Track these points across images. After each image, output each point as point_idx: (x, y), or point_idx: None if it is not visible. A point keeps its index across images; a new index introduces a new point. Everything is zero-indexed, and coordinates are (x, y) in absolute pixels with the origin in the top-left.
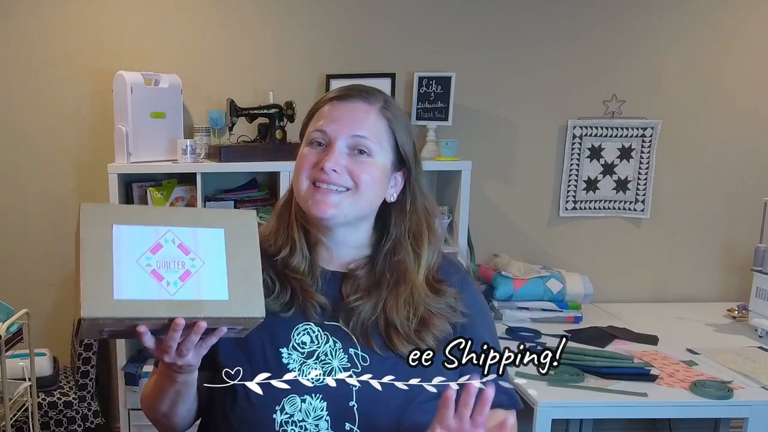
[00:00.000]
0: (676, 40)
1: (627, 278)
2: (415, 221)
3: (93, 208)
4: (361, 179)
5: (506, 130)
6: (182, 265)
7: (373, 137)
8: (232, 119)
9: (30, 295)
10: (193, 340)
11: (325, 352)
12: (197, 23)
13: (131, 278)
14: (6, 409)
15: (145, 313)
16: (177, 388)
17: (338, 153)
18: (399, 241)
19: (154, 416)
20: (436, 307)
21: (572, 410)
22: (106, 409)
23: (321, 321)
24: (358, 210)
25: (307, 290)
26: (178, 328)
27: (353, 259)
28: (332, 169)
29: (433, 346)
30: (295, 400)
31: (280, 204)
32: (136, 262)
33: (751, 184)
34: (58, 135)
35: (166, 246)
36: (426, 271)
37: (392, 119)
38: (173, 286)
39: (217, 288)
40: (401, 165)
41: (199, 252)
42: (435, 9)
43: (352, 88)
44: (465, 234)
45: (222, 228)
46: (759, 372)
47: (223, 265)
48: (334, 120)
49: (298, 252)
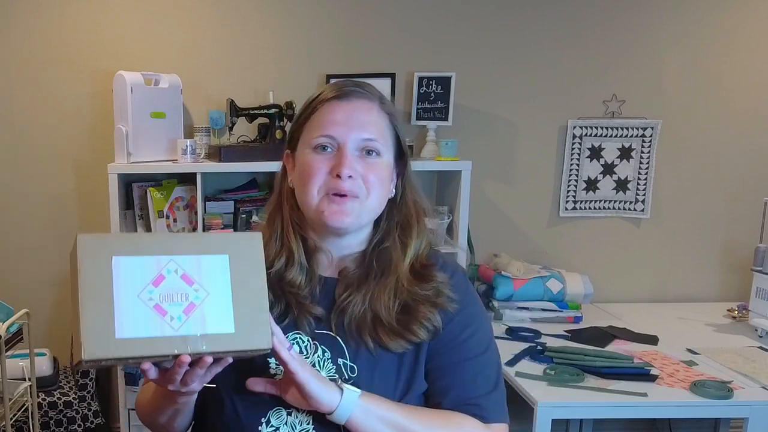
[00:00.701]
0: (676, 40)
1: (627, 278)
2: (405, 213)
3: (90, 240)
4: (370, 182)
5: (506, 130)
6: (186, 297)
7: (380, 137)
8: (232, 119)
9: (30, 295)
10: (198, 374)
11: (313, 362)
12: (197, 23)
13: (133, 315)
14: (6, 409)
15: (149, 352)
16: (177, 407)
17: (351, 157)
18: (388, 233)
19: (150, 425)
20: (422, 294)
21: (572, 410)
22: (106, 409)
23: (312, 330)
24: (370, 213)
25: (302, 303)
26: (184, 365)
27: (349, 254)
28: (349, 175)
29: (422, 336)
30: (281, 413)
31: (270, 210)
32: (137, 297)
33: (751, 184)
34: (58, 135)
35: (169, 277)
36: (411, 258)
37: (393, 115)
38: (177, 321)
39: (223, 320)
40: (400, 159)
41: (203, 282)
42: (435, 9)
43: (347, 84)
44: (465, 234)
45: (227, 254)
46: (759, 372)
47: (229, 295)
48: (340, 122)
49: (296, 264)
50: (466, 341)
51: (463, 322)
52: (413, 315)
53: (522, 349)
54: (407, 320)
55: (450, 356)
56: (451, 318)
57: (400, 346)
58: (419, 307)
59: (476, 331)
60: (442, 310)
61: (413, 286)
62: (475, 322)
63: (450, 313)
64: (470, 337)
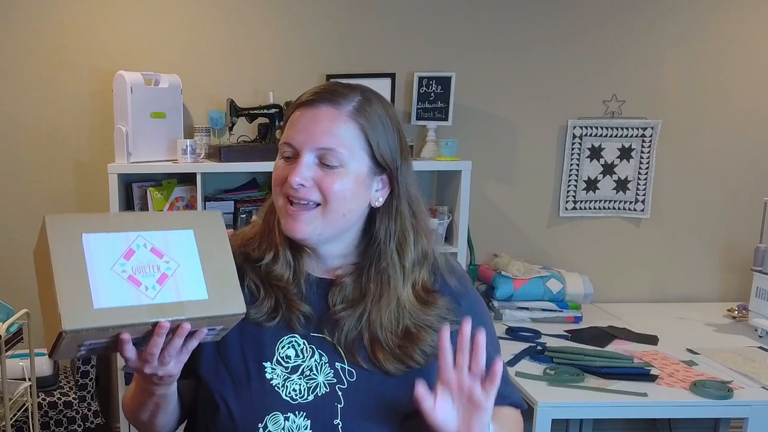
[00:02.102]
0: (676, 40)
1: (627, 278)
2: (399, 226)
3: (58, 220)
4: (331, 191)
5: (506, 130)
6: (158, 269)
7: (341, 146)
8: (232, 119)
9: (30, 295)
10: (176, 345)
11: (310, 366)
12: (197, 23)
13: (109, 286)
14: (6, 409)
15: (128, 320)
16: (156, 400)
17: (304, 166)
18: (383, 247)
19: (135, 423)
20: (424, 320)
21: (572, 410)
22: (106, 409)
23: (307, 332)
24: (333, 226)
25: (290, 299)
26: (163, 332)
27: (341, 265)
28: (300, 184)
29: (422, 363)
30: (278, 417)
31: (266, 207)
32: (111, 270)
33: (751, 184)
34: (58, 135)
35: (139, 251)
36: (413, 281)
37: (365, 123)
38: (152, 290)
39: (196, 288)
40: (382, 169)
41: (173, 254)
42: (435, 9)
43: (322, 90)
44: (465, 234)
45: (191, 229)
46: (759, 372)
47: (198, 265)
48: (300, 130)
49: (282, 260)
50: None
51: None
52: (415, 342)
53: (522, 349)
54: (409, 346)
55: None
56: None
57: (398, 369)
58: (422, 333)
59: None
60: None
61: (416, 311)
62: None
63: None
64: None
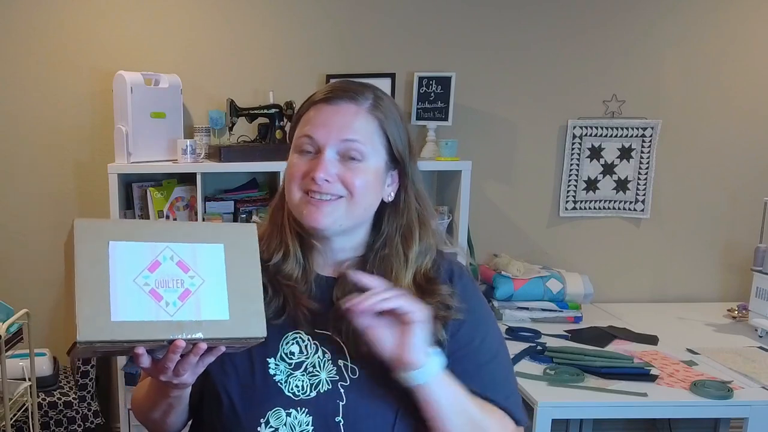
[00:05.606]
0: (676, 40)
1: (627, 278)
2: (407, 220)
3: (87, 225)
4: (355, 186)
5: (506, 130)
6: (181, 284)
7: (363, 140)
8: (232, 119)
9: (30, 295)
10: (191, 361)
11: (314, 363)
12: (197, 23)
13: (129, 298)
14: (6, 409)
15: (144, 335)
16: (170, 401)
17: (328, 161)
18: (389, 240)
19: (145, 421)
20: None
21: (572, 410)
22: (106, 409)
23: (311, 329)
24: (354, 218)
25: (298, 297)
26: (178, 350)
27: (347, 259)
28: (324, 180)
29: None
30: (280, 413)
31: (273, 207)
32: (133, 281)
33: (751, 184)
34: (58, 135)
35: (165, 264)
36: (414, 271)
37: (383, 118)
38: (172, 306)
39: (218, 307)
40: (396, 164)
41: (199, 269)
42: (435, 9)
43: (337, 87)
44: (465, 234)
45: (222, 243)
46: (759, 372)
47: (223, 283)
48: (322, 125)
49: (292, 258)
50: (480, 347)
51: (472, 328)
52: None
53: (522, 349)
54: None
55: (466, 363)
56: (458, 327)
57: None
58: None
59: (486, 335)
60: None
61: (417, 299)
62: (483, 326)
63: (457, 321)
64: (482, 342)
